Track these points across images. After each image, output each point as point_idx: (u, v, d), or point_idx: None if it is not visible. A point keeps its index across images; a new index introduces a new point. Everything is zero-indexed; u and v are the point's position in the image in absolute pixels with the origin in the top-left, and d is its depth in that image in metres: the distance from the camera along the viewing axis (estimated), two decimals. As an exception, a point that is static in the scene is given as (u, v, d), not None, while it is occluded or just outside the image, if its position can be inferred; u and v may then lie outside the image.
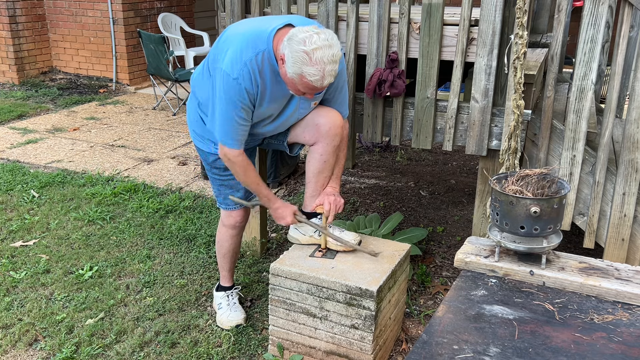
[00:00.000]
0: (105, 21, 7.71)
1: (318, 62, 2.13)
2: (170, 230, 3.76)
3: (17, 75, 7.78)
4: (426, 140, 2.89)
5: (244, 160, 2.46)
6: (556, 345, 1.57)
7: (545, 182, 1.91)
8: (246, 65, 2.25)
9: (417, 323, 2.90)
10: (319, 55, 2.13)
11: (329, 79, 2.19)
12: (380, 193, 4.45)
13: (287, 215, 2.58)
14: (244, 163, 2.47)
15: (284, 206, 2.59)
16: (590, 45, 2.53)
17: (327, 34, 2.19)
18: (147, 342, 2.73)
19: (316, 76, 2.16)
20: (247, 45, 2.27)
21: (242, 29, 2.36)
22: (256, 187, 2.55)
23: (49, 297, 3.06)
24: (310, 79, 2.17)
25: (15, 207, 4.08)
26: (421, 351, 1.55)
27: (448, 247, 3.62)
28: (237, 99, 2.29)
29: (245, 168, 2.48)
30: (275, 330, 2.58)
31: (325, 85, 2.22)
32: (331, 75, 2.18)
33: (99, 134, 5.87)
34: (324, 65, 2.14)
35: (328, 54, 2.14)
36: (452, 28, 2.72)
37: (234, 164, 2.46)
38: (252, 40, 2.28)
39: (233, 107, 2.31)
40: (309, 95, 2.32)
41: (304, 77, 2.17)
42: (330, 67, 2.16)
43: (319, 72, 2.15)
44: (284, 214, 2.58)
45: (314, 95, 2.33)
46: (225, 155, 2.44)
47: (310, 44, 2.13)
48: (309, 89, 2.24)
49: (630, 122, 2.54)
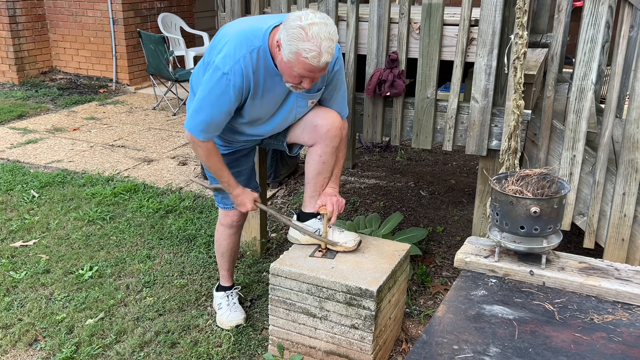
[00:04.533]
0: (105, 21, 7.71)
1: (314, 37, 2.10)
2: (170, 230, 3.76)
3: (17, 75, 7.78)
4: (426, 140, 2.89)
5: (208, 144, 2.43)
6: (556, 345, 1.57)
7: (545, 182, 1.91)
8: (239, 62, 2.24)
9: (417, 323, 2.90)
10: (315, 31, 2.11)
11: (326, 57, 2.14)
12: (380, 193, 4.45)
13: (247, 202, 2.61)
14: (209, 146, 2.43)
15: (244, 193, 2.60)
16: (590, 45, 2.53)
17: (323, 14, 2.19)
18: (147, 342, 2.73)
19: (313, 52, 2.11)
20: (242, 42, 2.26)
21: (238, 27, 2.36)
22: (218, 172, 2.54)
23: (49, 297, 3.06)
24: (307, 56, 2.12)
25: (15, 207, 4.08)
26: (421, 351, 1.55)
27: (448, 247, 3.62)
28: (220, 94, 2.28)
29: (209, 151, 2.45)
30: (275, 330, 2.58)
31: (322, 65, 2.16)
32: (328, 52, 2.14)
33: (99, 134, 5.87)
34: (321, 41, 2.11)
35: (324, 30, 2.12)
36: (452, 28, 2.72)
37: (198, 146, 2.43)
38: (247, 37, 2.28)
39: (213, 101, 2.30)
40: (307, 84, 2.25)
41: (300, 54, 2.13)
42: (327, 44, 2.13)
43: (316, 47, 2.11)
44: (244, 200, 2.60)
45: (311, 84, 2.27)
46: (191, 138, 2.42)
47: (306, 19, 2.12)
48: (307, 70, 2.18)
49: (630, 122, 2.54)
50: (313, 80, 2.26)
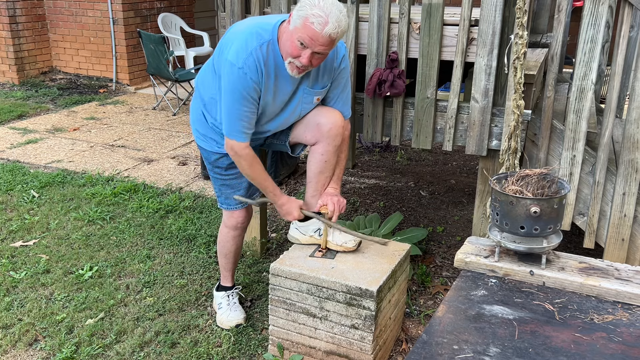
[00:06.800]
0: (105, 21, 7.71)
1: (325, 7, 2.17)
2: (170, 230, 3.76)
3: (17, 75, 7.78)
4: (426, 140, 2.89)
5: (250, 154, 2.45)
6: (556, 345, 1.57)
7: (545, 182, 1.91)
8: (251, 54, 2.26)
9: (417, 323, 2.90)
10: (328, 2, 2.18)
11: (331, 27, 2.16)
12: (380, 193, 4.45)
13: (293, 210, 2.58)
14: (250, 156, 2.45)
15: (289, 201, 2.58)
16: (590, 45, 2.53)
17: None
18: (147, 342, 2.73)
19: (320, 18, 2.15)
20: (252, 36, 2.29)
21: (246, 24, 2.40)
22: (263, 182, 2.53)
23: (49, 297, 3.06)
24: (313, 21, 2.16)
25: (15, 207, 4.08)
26: (421, 351, 1.55)
27: (448, 247, 3.62)
28: (242, 90, 2.30)
29: (251, 162, 2.46)
30: (275, 330, 2.58)
31: (325, 35, 2.17)
32: (334, 25, 2.17)
33: (99, 134, 5.87)
34: (330, 11, 2.16)
35: (336, 5, 2.19)
36: (452, 28, 2.72)
37: (240, 157, 2.44)
38: (257, 31, 2.31)
39: (239, 98, 2.32)
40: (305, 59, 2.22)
41: (308, 19, 2.17)
42: (336, 16, 2.17)
43: (324, 14, 2.15)
44: (290, 209, 2.58)
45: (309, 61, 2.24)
46: (232, 149, 2.43)
47: None
48: (309, 36, 2.18)
49: (630, 122, 2.54)
50: (312, 56, 2.23)
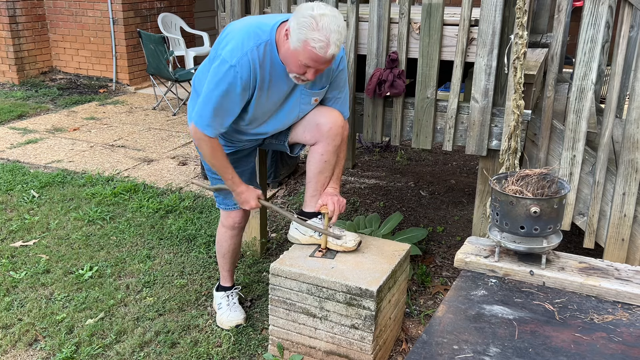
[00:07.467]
0: (105, 21, 7.71)
1: (324, 28, 2.14)
2: (170, 230, 3.76)
3: (17, 75, 7.78)
4: (426, 140, 2.89)
5: (213, 141, 2.42)
6: (556, 345, 1.57)
7: (545, 182, 1.91)
8: (247, 54, 2.24)
9: (417, 323, 2.90)
10: (326, 22, 2.14)
11: (333, 49, 2.16)
12: (380, 193, 4.45)
13: (250, 199, 2.59)
14: (213, 143, 2.42)
15: (248, 190, 2.59)
16: (590, 45, 2.53)
17: (334, 7, 2.24)
18: (147, 342, 2.73)
19: (321, 42, 2.14)
20: (249, 36, 2.27)
21: (245, 22, 2.38)
22: (223, 169, 2.52)
23: (49, 297, 3.05)
24: (315, 45, 2.15)
25: (15, 207, 4.08)
26: (421, 351, 1.55)
27: (448, 247, 3.62)
28: (228, 86, 2.27)
29: (214, 148, 2.44)
30: (275, 330, 2.58)
31: (328, 57, 2.18)
32: (336, 45, 2.17)
33: (99, 134, 5.87)
34: (330, 33, 2.14)
35: (334, 22, 2.16)
36: (452, 28, 2.72)
37: (203, 142, 2.41)
38: (254, 31, 2.29)
39: (221, 93, 2.29)
40: (310, 75, 2.25)
41: (309, 43, 2.15)
42: (336, 37, 2.16)
43: (325, 38, 2.14)
44: (248, 197, 2.59)
45: (314, 76, 2.27)
46: (195, 133, 2.40)
47: (318, 10, 2.16)
48: (312, 59, 2.19)
49: (630, 122, 2.54)
50: (317, 72, 2.26)
